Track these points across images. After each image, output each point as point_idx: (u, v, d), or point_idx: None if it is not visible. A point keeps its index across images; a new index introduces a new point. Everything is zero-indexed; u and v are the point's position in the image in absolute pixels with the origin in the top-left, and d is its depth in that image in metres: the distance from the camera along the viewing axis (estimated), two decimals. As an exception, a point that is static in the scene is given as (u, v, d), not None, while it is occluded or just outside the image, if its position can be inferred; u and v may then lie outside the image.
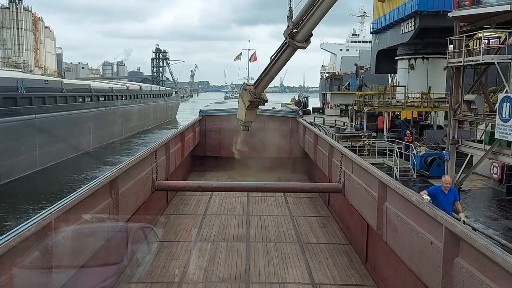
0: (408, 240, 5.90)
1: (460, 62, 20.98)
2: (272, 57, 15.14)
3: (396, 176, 24.62)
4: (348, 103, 63.10)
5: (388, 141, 29.78)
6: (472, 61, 20.33)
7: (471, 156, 21.92)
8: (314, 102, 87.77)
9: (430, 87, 37.15)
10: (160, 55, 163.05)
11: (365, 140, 29.28)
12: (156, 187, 9.90)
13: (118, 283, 6.84)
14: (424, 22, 42.42)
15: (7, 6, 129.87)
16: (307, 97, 74.12)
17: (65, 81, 44.03)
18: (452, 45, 22.49)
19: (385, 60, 55.15)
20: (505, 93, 18.51)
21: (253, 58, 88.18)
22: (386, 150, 26.81)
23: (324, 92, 75.13)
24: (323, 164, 12.75)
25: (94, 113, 44.87)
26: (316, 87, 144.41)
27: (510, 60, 19.16)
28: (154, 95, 76.59)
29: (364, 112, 36.57)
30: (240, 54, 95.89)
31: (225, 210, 11.98)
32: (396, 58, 50.14)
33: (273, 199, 13.05)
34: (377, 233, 7.31)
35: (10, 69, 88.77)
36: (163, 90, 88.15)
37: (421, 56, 46.62)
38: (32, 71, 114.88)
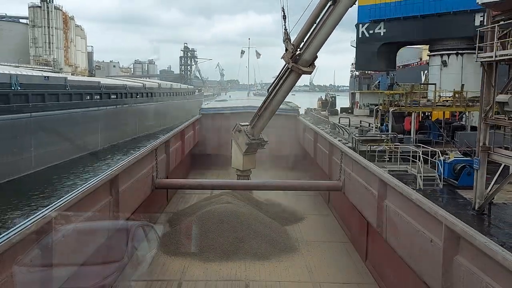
0: (408, 238, 5.89)
1: (492, 57, 17.48)
2: (271, 89, 13.08)
3: (419, 186, 21.40)
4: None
5: (415, 145, 26.38)
6: (505, 55, 16.85)
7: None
8: (344, 101, 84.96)
9: (463, 85, 33.35)
10: (188, 53, 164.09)
11: (386, 144, 25.91)
12: (156, 185, 10.06)
13: (118, 281, 6.76)
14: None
15: (39, 5, 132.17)
16: (334, 97, 70.96)
17: (70, 77, 42.32)
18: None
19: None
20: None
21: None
22: (410, 155, 23.36)
23: (353, 91, 72.19)
24: (323, 162, 12.71)
25: (103, 111, 42.88)
26: (347, 86, 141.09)
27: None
28: (174, 93, 74.37)
29: (390, 113, 33.03)
30: (243, 52, 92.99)
31: None
32: (428, 54, 46.47)
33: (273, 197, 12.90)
34: (377, 231, 7.30)
35: (41, 67, 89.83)
36: (185, 88, 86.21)
37: (455, 52, 42.96)
38: (62, 69, 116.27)
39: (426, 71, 75.67)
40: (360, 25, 50.75)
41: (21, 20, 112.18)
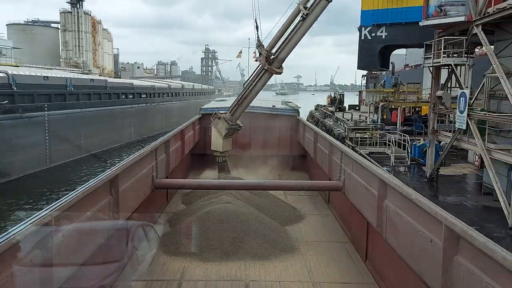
0: (408, 238, 5.88)
1: (430, 63, 23.85)
2: (247, 84, 14.86)
3: (392, 163, 27.01)
4: (383, 100, 65.02)
5: (396, 133, 32.04)
6: (443, 62, 22.91)
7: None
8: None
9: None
10: (209, 54, 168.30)
11: (371, 132, 31.66)
12: (156, 185, 9.99)
13: (118, 281, 6.67)
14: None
15: (69, 11, 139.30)
16: (343, 95, 75.74)
17: (109, 80, 48.92)
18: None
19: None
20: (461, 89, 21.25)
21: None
22: (387, 140, 29.14)
23: (360, 90, 76.63)
24: (323, 162, 12.79)
25: (135, 109, 49.34)
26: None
27: (464, 62, 21.96)
28: (196, 93, 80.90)
29: (380, 107, 38.64)
30: (241, 52, 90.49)
31: None
32: (422, 57, 51.24)
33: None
34: (377, 231, 7.26)
35: (72, 69, 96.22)
36: (205, 89, 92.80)
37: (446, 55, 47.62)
38: (90, 70, 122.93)
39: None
40: (363, 28, 54.95)
41: (52, 25, 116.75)
